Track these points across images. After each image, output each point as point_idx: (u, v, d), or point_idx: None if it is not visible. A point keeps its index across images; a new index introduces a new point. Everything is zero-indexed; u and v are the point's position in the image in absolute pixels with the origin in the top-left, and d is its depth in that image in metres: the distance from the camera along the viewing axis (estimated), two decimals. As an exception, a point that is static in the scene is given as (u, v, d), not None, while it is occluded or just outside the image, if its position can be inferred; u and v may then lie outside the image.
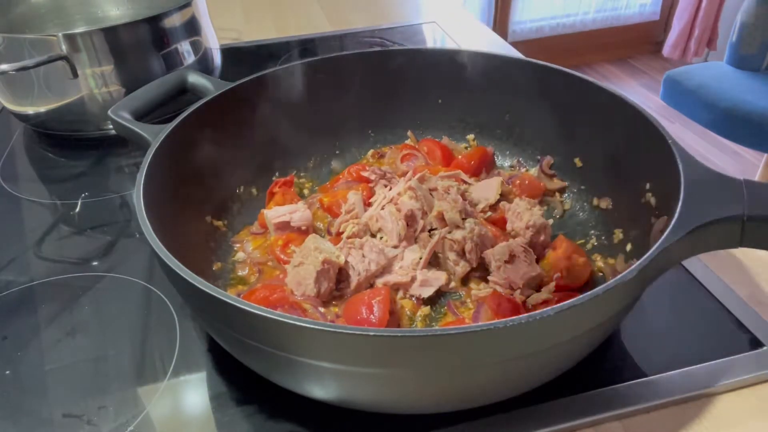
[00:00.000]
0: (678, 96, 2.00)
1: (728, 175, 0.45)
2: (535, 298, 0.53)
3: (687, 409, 0.47)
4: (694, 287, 0.57)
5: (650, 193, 0.53)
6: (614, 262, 0.57)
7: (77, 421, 0.48)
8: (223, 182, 0.65)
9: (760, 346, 0.51)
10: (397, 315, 0.53)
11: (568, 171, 0.68)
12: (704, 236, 0.42)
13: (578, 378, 0.47)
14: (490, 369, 0.39)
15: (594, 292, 0.37)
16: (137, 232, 0.68)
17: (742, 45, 1.97)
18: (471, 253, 0.55)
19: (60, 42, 0.76)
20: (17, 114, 0.86)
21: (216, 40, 0.96)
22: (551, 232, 0.60)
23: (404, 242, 0.57)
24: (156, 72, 0.83)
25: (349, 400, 0.44)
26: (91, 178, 0.80)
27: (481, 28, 1.24)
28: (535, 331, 0.36)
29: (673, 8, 3.16)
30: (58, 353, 0.54)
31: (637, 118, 0.55)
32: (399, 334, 0.35)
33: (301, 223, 0.61)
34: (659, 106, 2.42)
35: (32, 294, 0.61)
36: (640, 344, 0.52)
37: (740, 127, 1.82)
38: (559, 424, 0.45)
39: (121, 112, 0.61)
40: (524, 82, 0.69)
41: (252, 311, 0.37)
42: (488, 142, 0.75)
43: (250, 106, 0.66)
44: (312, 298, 0.53)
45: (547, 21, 3.17)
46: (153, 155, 0.53)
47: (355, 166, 0.72)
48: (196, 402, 0.49)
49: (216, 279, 0.58)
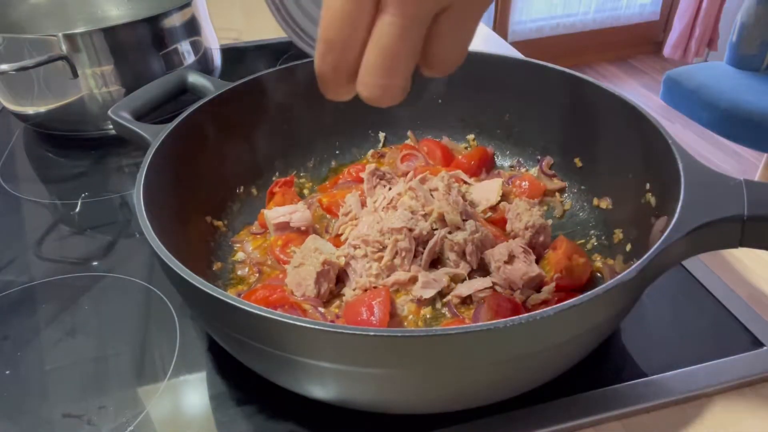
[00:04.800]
0: (678, 96, 2.00)
1: (728, 175, 0.45)
2: (535, 298, 0.53)
3: (687, 409, 0.47)
4: (694, 287, 0.57)
5: (650, 193, 0.53)
6: (614, 262, 0.57)
7: (77, 421, 0.48)
8: (223, 182, 0.65)
9: (760, 346, 0.51)
10: (398, 317, 0.53)
11: (568, 171, 0.68)
12: (704, 236, 0.42)
13: (578, 378, 0.47)
14: (490, 369, 0.39)
15: (594, 292, 0.37)
16: (137, 232, 0.68)
17: (742, 45, 1.97)
18: (471, 255, 0.56)
19: (60, 42, 0.76)
20: (17, 114, 0.86)
21: (216, 40, 0.96)
22: (551, 232, 0.60)
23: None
24: (156, 72, 0.83)
25: (349, 400, 0.44)
26: (91, 178, 0.80)
27: (481, 28, 1.24)
28: (535, 331, 0.36)
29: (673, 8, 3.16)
30: (58, 353, 0.54)
31: (637, 118, 0.55)
32: (399, 334, 0.35)
33: (301, 223, 0.61)
34: (659, 106, 2.42)
35: (32, 294, 0.61)
36: (640, 344, 0.52)
37: (740, 127, 1.82)
38: (559, 424, 0.45)
39: (121, 112, 0.61)
40: (524, 82, 0.69)
41: (252, 311, 0.37)
42: (488, 142, 0.75)
43: (250, 106, 0.66)
44: (312, 299, 0.53)
45: (547, 21, 3.17)
46: (153, 155, 0.53)
47: (355, 166, 0.72)
48: (196, 402, 0.49)
49: (216, 279, 0.58)
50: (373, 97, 0.32)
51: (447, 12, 0.31)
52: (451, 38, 0.32)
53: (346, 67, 0.32)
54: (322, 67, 0.32)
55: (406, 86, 0.32)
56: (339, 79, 0.32)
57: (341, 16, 0.30)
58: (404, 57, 0.31)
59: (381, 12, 0.30)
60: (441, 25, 0.31)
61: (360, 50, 0.31)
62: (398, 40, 0.30)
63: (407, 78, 0.32)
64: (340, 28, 0.31)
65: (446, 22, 0.31)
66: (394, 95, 0.32)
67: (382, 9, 0.30)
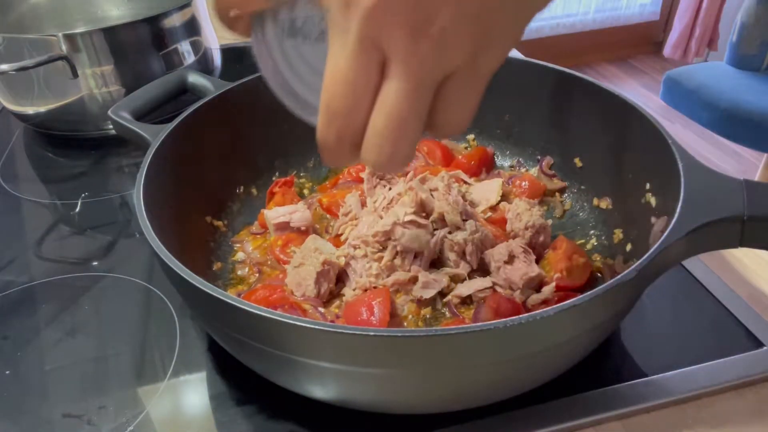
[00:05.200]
0: (678, 96, 2.00)
1: (728, 175, 0.45)
2: (535, 298, 0.53)
3: (687, 409, 0.47)
4: (694, 287, 0.57)
5: (650, 193, 0.53)
6: (614, 262, 0.57)
7: (77, 421, 0.48)
8: (223, 182, 0.65)
9: (760, 346, 0.51)
10: (398, 317, 0.53)
11: (568, 171, 0.68)
12: (704, 236, 0.42)
13: (578, 378, 0.47)
14: (490, 369, 0.39)
15: (594, 292, 0.37)
16: (137, 232, 0.68)
17: (742, 45, 1.97)
18: (471, 255, 0.56)
19: (60, 42, 0.76)
20: (17, 114, 0.86)
21: (216, 40, 0.96)
22: (551, 232, 0.60)
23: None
24: (156, 72, 0.83)
25: (349, 400, 0.44)
26: (91, 178, 0.80)
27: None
28: (535, 331, 0.36)
29: (673, 8, 3.17)
30: (58, 353, 0.54)
31: (637, 118, 0.55)
32: (399, 334, 0.35)
33: (301, 223, 0.61)
34: (659, 106, 2.42)
35: (32, 294, 0.61)
36: (640, 344, 0.52)
37: (740, 127, 1.82)
38: (559, 424, 0.45)
39: (121, 112, 0.61)
40: (524, 82, 0.69)
41: (252, 311, 0.37)
42: (488, 142, 0.75)
43: (250, 106, 0.66)
44: (312, 299, 0.53)
45: (547, 21, 3.17)
46: (153, 155, 0.53)
47: (355, 166, 0.72)
48: (196, 402, 0.49)
49: (216, 279, 0.58)
50: (379, 163, 0.31)
51: (453, 77, 0.30)
52: (457, 103, 0.31)
53: (351, 136, 0.31)
54: (325, 137, 0.32)
55: (412, 154, 0.32)
56: (342, 148, 0.32)
57: (345, 83, 0.30)
58: (411, 122, 0.30)
59: (386, 78, 0.29)
60: (447, 90, 0.30)
61: (365, 119, 0.30)
62: (405, 105, 0.29)
63: (414, 144, 0.31)
64: (345, 96, 0.30)
65: (452, 87, 0.30)
66: (400, 162, 0.31)
67: (387, 75, 0.29)
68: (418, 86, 0.29)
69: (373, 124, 0.30)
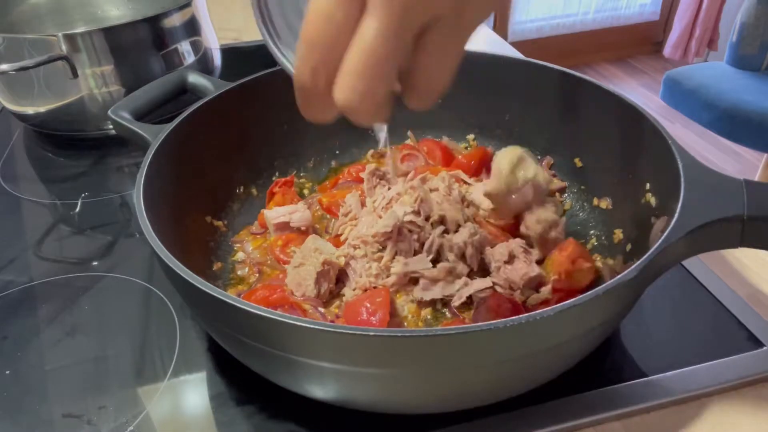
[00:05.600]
0: (678, 96, 2.00)
1: (728, 175, 0.45)
2: (535, 298, 0.53)
3: (687, 409, 0.47)
4: (694, 287, 0.57)
5: (650, 193, 0.53)
6: (614, 262, 0.57)
7: (77, 421, 0.48)
8: (223, 182, 0.65)
9: (760, 346, 0.51)
10: (398, 317, 0.53)
11: (568, 171, 0.68)
12: (704, 236, 0.42)
13: (578, 378, 0.47)
14: (490, 369, 0.39)
15: (594, 292, 0.37)
16: (137, 232, 0.68)
17: (742, 45, 1.97)
18: (471, 257, 0.55)
19: (60, 42, 0.76)
20: (17, 114, 0.86)
21: (216, 40, 0.96)
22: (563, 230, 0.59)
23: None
24: (156, 72, 0.83)
25: (348, 400, 0.44)
26: (91, 178, 0.80)
27: (481, 28, 1.24)
28: (535, 331, 0.36)
29: (673, 8, 3.16)
30: (58, 353, 0.54)
31: (637, 118, 0.55)
32: (399, 334, 0.35)
33: (301, 223, 0.61)
34: (659, 106, 2.42)
35: (32, 294, 0.61)
36: (640, 344, 0.52)
37: (740, 127, 1.82)
38: (559, 424, 0.45)
39: (121, 112, 0.61)
40: (524, 82, 0.69)
41: (252, 311, 0.37)
42: (488, 142, 0.75)
43: (250, 106, 0.66)
44: (312, 299, 0.53)
45: (547, 21, 3.17)
46: (153, 155, 0.53)
47: (355, 166, 0.72)
48: (196, 402, 0.49)
49: (216, 279, 0.58)
50: (349, 103, 0.30)
51: (435, 25, 0.30)
52: (437, 57, 0.31)
53: (326, 72, 0.30)
54: (301, 72, 0.31)
55: (384, 101, 0.31)
56: (317, 86, 0.31)
57: (325, 16, 0.29)
58: (385, 62, 0.29)
59: (366, 14, 0.29)
60: (427, 40, 0.30)
61: (342, 54, 0.30)
62: (382, 44, 0.29)
63: (386, 90, 0.30)
64: (323, 29, 0.30)
65: (433, 37, 0.30)
66: (372, 108, 0.31)
67: (367, 11, 0.29)
68: (398, 26, 0.29)
69: (347, 59, 0.30)
